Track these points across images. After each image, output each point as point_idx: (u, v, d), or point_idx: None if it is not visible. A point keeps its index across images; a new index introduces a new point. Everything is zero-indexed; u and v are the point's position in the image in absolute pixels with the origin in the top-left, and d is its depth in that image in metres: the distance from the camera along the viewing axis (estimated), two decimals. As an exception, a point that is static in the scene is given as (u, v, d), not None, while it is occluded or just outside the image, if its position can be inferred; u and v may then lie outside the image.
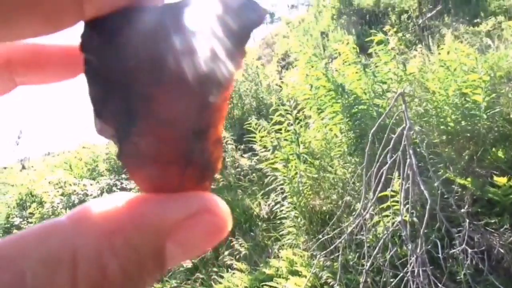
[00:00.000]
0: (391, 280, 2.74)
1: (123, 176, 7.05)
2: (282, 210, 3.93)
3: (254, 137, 5.02)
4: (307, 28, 13.42)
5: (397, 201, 2.84)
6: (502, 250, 2.76)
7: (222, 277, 3.68)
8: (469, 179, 3.27)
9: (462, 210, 2.90)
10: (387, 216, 2.93)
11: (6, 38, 0.20)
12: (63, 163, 9.04)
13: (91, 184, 6.97)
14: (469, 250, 2.61)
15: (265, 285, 3.23)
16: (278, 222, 3.99)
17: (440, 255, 2.72)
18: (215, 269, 3.94)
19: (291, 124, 4.08)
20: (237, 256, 3.93)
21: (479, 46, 5.56)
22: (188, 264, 4.15)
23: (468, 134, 3.76)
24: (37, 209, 6.46)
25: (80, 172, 8.18)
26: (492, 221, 3.04)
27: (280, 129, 4.10)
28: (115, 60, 0.19)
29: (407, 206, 2.79)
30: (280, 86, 6.60)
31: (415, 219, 2.92)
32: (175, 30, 0.19)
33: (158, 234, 0.19)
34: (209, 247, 0.21)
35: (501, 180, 3.09)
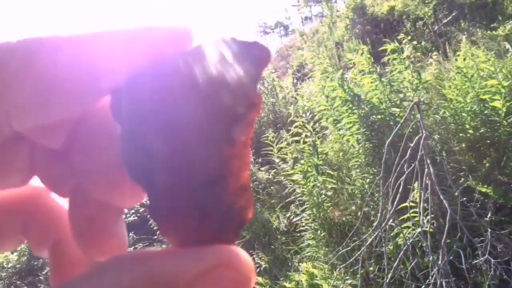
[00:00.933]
0: (414, 292, 2.70)
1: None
2: (301, 222, 3.91)
3: (271, 150, 5.03)
4: (322, 39, 13.44)
5: (416, 212, 2.81)
6: (527, 260, 2.69)
7: (242, 291, 3.66)
8: (490, 187, 3.21)
9: (484, 219, 2.84)
10: (407, 227, 2.89)
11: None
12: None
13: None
14: (492, 261, 2.55)
15: (286, 299, 3.22)
16: (298, 235, 3.98)
17: (463, 266, 2.67)
18: (235, 284, 3.92)
19: (309, 136, 4.08)
20: (257, 270, 3.92)
21: (496, 51, 5.48)
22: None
23: (488, 141, 3.69)
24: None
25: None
26: (516, 229, 2.97)
27: (298, 141, 4.11)
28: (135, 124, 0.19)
29: (427, 216, 2.75)
30: (296, 98, 6.61)
31: (436, 229, 2.87)
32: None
33: None
34: None
35: (525, 187, 3.03)
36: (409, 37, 5.20)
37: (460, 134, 3.91)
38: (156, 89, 0.19)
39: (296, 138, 4.10)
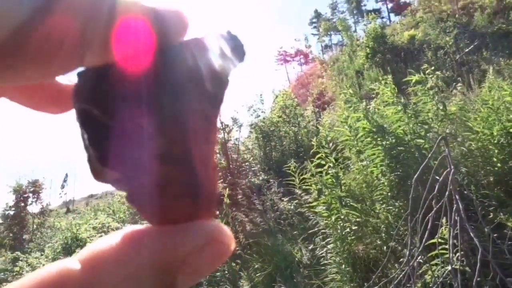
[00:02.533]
0: (444, 333, 2.59)
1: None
2: (324, 255, 3.84)
3: (293, 180, 5.00)
4: (342, 67, 13.52)
5: (446, 248, 2.73)
6: None
7: (264, 326, 3.59)
8: (522, 223, 3.11)
9: (518, 258, 2.74)
10: (436, 264, 2.81)
11: (10, 82, 0.21)
12: (106, 207, 9.25)
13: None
14: (528, 302, 2.44)
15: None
16: (321, 268, 3.90)
17: (496, 306, 2.56)
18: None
19: (331, 167, 4.05)
20: (279, 304, 3.84)
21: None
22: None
23: (518, 175, 3.61)
24: (82, 253, 6.58)
25: (123, 216, 8.34)
26: (551, 268, 2.84)
27: (321, 172, 4.08)
28: (115, 105, 0.20)
29: (457, 253, 2.67)
30: (317, 127, 6.61)
31: (466, 267, 2.78)
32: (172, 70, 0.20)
33: (170, 270, 0.20)
34: (213, 271, 0.22)
35: (558, 224, 2.92)
36: (432, 67, 5.19)
37: (488, 167, 3.83)
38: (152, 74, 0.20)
39: (320, 169, 4.07)
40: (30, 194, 17.17)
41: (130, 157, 0.20)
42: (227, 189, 5.10)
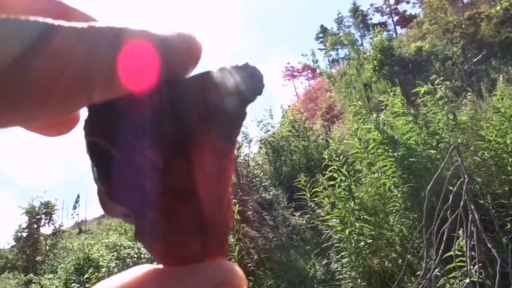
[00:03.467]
0: None
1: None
2: (339, 270, 3.78)
3: (304, 195, 4.97)
4: (350, 80, 13.53)
5: (463, 261, 2.67)
6: None
7: None
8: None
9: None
10: (454, 277, 2.74)
11: (15, 124, 0.19)
12: (117, 227, 9.27)
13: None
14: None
15: None
16: (335, 284, 3.83)
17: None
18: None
19: (343, 180, 4.02)
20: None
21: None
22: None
23: (533, 183, 3.54)
24: (94, 273, 6.58)
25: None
26: None
27: (334, 185, 4.05)
28: (124, 140, 0.19)
29: (475, 265, 2.61)
30: (327, 141, 6.59)
31: (485, 279, 2.71)
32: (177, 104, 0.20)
33: None
34: None
35: None
36: (441, 78, 5.16)
37: (502, 176, 3.76)
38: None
39: (332, 182, 4.04)
40: (43, 216, 17.26)
41: (138, 191, 0.19)
42: (238, 205, 5.07)
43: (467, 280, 2.50)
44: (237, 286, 0.20)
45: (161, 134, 0.19)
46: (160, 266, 0.21)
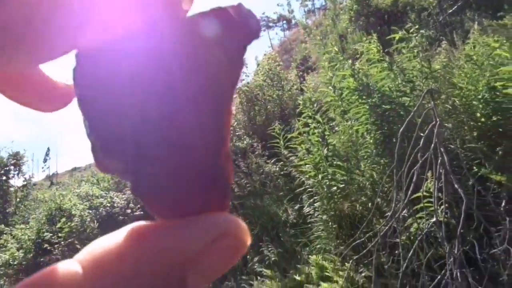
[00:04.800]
0: (428, 283, 2.64)
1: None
2: (311, 214, 3.86)
3: (278, 143, 4.98)
4: (325, 31, 13.35)
5: (431, 202, 2.74)
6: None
7: (251, 285, 3.63)
8: (505, 175, 3.14)
9: (501, 208, 2.78)
10: (421, 217, 2.83)
11: None
12: (90, 177, 9.18)
13: (117, 196, 7.04)
14: (511, 250, 2.48)
15: (297, 292, 3.17)
16: (306, 227, 3.92)
17: (478, 256, 2.61)
18: (244, 277, 3.89)
19: (317, 127, 4.03)
20: (266, 263, 3.87)
21: (506, 39, 5.39)
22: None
23: (501, 129, 3.62)
24: (66, 223, 6.55)
25: (107, 185, 8.28)
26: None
27: (307, 132, 4.06)
28: (119, 91, 0.18)
29: (441, 206, 2.69)
30: (302, 90, 6.55)
31: (450, 219, 2.81)
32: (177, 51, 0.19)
33: (179, 270, 0.18)
34: (228, 269, 0.20)
35: (540, 175, 2.96)
36: (416, 26, 5.13)
37: (471, 123, 3.83)
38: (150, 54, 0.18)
39: (306, 129, 4.04)
40: (12, 167, 16.89)
41: (136, 145, 0.19)
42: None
43: (433, 220, 2.58)
44: (240, 238, 0.20)
45: (157, 80, 0.19)
46: (157, 221, 0.20)
